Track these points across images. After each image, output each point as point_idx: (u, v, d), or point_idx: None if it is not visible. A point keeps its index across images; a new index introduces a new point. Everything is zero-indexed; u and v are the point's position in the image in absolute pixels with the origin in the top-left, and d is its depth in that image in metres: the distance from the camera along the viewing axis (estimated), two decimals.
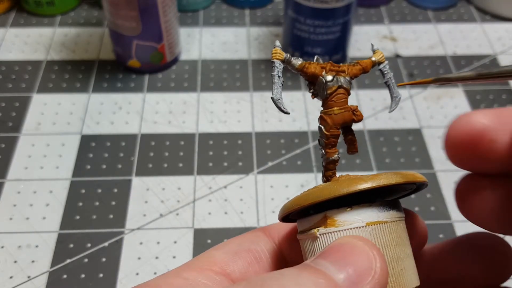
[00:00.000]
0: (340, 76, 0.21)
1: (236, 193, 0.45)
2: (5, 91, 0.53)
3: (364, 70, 0.22)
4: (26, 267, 0.40)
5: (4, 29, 0.60)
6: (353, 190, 0.19)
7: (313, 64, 0.21)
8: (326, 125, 0.21)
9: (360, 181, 0.19)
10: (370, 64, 0.22)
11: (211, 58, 0.58)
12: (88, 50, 0.58)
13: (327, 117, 0.21)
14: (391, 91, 0.23)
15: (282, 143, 0.49)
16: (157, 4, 0.50)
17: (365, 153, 0.48)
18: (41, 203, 0.44)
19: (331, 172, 0.22)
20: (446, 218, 0.43)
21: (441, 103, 0.53)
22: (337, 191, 0.19)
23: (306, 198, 0.20)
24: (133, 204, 0.44)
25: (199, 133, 0.50)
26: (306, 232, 0.20)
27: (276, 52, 0.22)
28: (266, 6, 0.64)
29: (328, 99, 0.21)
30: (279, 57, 0.22)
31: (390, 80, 0.23)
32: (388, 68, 0.23)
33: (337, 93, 0.21)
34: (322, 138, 0.22)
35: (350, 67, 0.22)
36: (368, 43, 0.60)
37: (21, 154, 0.47)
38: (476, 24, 0.63)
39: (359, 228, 0.19)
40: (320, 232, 0.19)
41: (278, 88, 0.21)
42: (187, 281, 0.20)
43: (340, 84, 0.21)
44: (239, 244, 0.23)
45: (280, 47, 0.22)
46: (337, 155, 0.22)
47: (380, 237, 0.19)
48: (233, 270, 0.22)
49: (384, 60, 0.23)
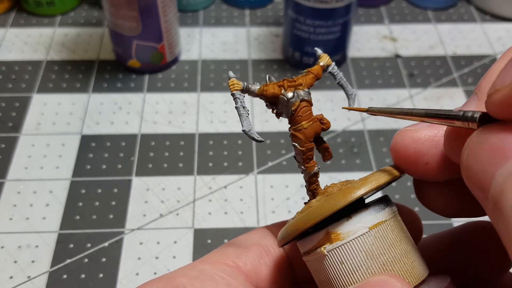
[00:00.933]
0: (299, 89, 0.21)
1: (236, 193, 0.45)
2: (5, 91, 0.53)
3: (317, 77, 0.22)
4: (26, 267, 0.40)
5: (4, 29, 0.60)
6: (350, 201, 0.19)
7: (270, 85, 0.21)
8: (300, 141, 0.21)
9: (353, 190, 0.19)
10: (320, 70, 0.22)
11: (211, 58, 0.58)
12: (88, 50, 0.58)
13: (298, 133, 0.21)
14: (345, 89, 0.23)
15: (282, 143, 0.49)
16: (157, 4, 0.50)
17: (365, 153, 0.48)
18: (41, 203, 0.44)
19: (315, 185, 0.22)
20: (445, 218, 0.43)
21: (441, 103, 0.53)
22: (335, 206, 0.19)
23: (306, 220, 0.19)
24: (133, 204, 0.44)
25: (199, 133, 0.50)
26: (312, 252, 0.20)
27: (233, 83, 0.21)
28: (266, 6, 0.64)
29: (295, 115, 0.21)
30: (237, 87, 0.21)
31: (342, 79, 0.23)
32: (337, 68, 0.23)
33: (301, 107, 0.21)
34: (298, 155, 0.22)
35: (304, 78, 0.22)
36: (368, 43, 0.60)
37: (21, 154, 0.47)
38: (476, 24, 0.63)
39: (364, 235, 0.19)
40: (327, 249, 0.19)
41: (246, 119, 0.21)
42: (202, 272, 0.21)
43: (301, 98, 0.21)
44: (248, 239, 0.23)
45: (234, 77, 0.22)
46: (317, 167, 0.22)
47: (385, 238, 0.19)
48: (245, 263, 0.22)
49: (331, 62, 0.23)
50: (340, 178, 0.46)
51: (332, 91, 0.54)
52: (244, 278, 0.22)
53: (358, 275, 0.19)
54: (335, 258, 0.19)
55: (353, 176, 0.46)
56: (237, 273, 0.22)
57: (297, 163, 0.22)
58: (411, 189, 0.45)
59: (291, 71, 0.56)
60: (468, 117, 0.16)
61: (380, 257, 0.19)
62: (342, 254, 0.19)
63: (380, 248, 0.19)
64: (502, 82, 0.15)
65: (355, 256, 0.19)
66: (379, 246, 0.19)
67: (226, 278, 0.21)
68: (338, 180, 0.46)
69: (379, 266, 0.19)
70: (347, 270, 0.19)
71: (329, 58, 0.23)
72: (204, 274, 0.21)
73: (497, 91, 0.15)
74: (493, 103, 0.15)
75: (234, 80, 0.21)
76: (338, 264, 0.19)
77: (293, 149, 0.22)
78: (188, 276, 0.21)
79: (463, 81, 0.56)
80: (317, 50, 0.23)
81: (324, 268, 0.20)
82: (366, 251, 0.19)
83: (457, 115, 0.17)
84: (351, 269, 0.19)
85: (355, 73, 0.56)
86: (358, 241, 0.19)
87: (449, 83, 0.55)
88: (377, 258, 0.19)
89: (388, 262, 0.19)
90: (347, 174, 0.46)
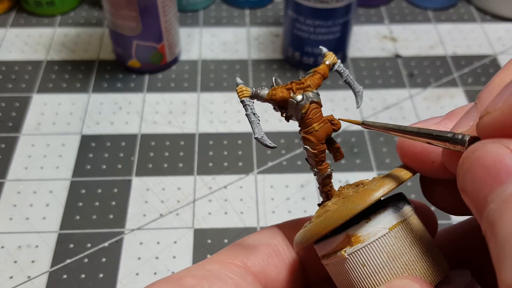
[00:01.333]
0: (308, 91, 0.21)
1: (236, 193, 0.45)
2: (5, 91, 0.53)
3: (324, 77, 0.22)
4: (26, 267, 0.40)
5: (4, 29, 0.60)
6: (369, 203, 0.19)
7: (278, 88, 0.21)
8: (312, 144, 0.21)
9: (371, 192, 0.19)
10: (327, 69, 0.22)
11: (211, 58, 0.58)
12: (88, 50, 0.58)
13: (309, 136, 0.21)
14: (352, 87, 0.23)
15: (282, 143, 0.49)
16: (157, 4, 0.50)
17: (365, 153, 0.48)
18: (41, 203, 0.44)
19: (329, 187, 0.22)
20: (446, 218, 0.43)
21: (441, 103, 0.53)
22: (354, 209, 0.19)
23: (324, 225, 0.19)
24: (133, 204, 0.44)
25: (199, 133, 0.50)
26: (331, 256, 0.20)
27: (241, 90, 0.21)
28: (266, 6, 0.64)
29: (305, 118, 0.21)
30: (246, 94, 0.21)
31: (348, 77, 0.23)
32: (343, 66, 0.23)
33: (311, 109, 0.21)
34: (310, 158, 0.21)
35: (312, 78, 0.21)
36: (368, 43, 0.60)
37: (21, 154, 0.47)
38: (476, 24, 0.63)
39: (384, 236, 0.19)
40: (348, 253, 0.19)
41: (258, 126, 0.21)
42: (210, 272, 0.21)
43: (311, 100, 0.21)
44: (257, 239, 0.23)
45: (242, 83, 0.21)
46: (330, 169, 0.22)
47: (405, 237, 0.19)
48: (254, 263, 0.22)
49: (336, 60, 0.22)
50: (340, 178, 0.46)
51: (332, 91, 0.54)
52: (253, 279, 0.22)
53: (380, 276, 0.19)
54: (357, 260, 0.19)
55: (353, 176, 0.46)
56: (246, 273, 0.22)
57: (310, 165, 0.22)
58: (410, 188, 0.45)
59: (291, 71, 0.56)
60: (458, 139, 0.16)
61: (402, 257, 0.19)
62: (363, 256, 0.19)
63: (402, 248, 0.19)
64: (494, 105, 0.15)
65: (377, 258, 0.19)
66: (400, 246, 0.19)
67: (234, 279, 0.21)
68: (338, 180, 0.46)
69: (401, 266, 0.19)
70: (369, 272, 0.19)
71: (335, 56, 0.22)
72: (212, 275, 0.21)
73: (488, 114, 0.15)
74: (483, 126, 0.15)
75: (242, 87, 0.21)
76: (360, 267, 0.19)
77: (305, 152, 0.21)
78: (196, 276, 0.21)
79: (463, 81, 0.56)
80: (322, 48, 0.23)
81: (346, 271, 0.20)
82: (387, 252, 0.19)
83: (447, 137, 0.17)
84: (374, 271, 0.19)
85: (355, 73, 0.56)
86: (379, 243, 0.19)
87: (449, 83, 0.55)
88: (399, 259, 0.19)
89: (410, 262, 0.19)
90: (347, 174, 0.46)
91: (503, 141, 0.15)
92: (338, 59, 0.23)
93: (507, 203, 0.14)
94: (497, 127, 0.15)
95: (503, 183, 0.14)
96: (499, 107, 0.14)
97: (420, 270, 0.19)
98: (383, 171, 0.47)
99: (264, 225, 0.43)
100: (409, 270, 0.19)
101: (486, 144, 0.15)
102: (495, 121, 0.15)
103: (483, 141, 0.15)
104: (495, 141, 0.15)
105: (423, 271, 0.19)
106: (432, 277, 0.19)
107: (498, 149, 0.15)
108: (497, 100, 0.15)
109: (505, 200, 0.14)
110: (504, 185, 0.14)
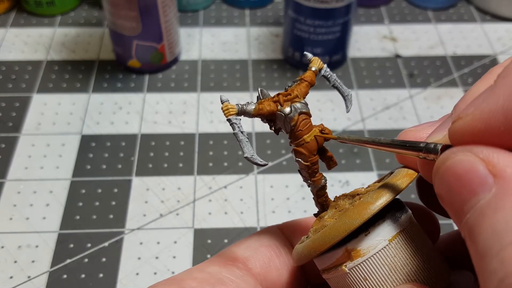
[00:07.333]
0: (295, 102, 0.20)
1: (236, 193, 0.45)
2: (5, 91, 0.53)
3: (311, 84, 0.21)
4: (26, 267, 0.40)
5: (4, 29, 0.60)
6: (367, 218, 0.18)
7: (265, 102, 0.20)
8: (304, 156, 0.20)
9: (368, 205, 0.18)
10: (313, 75, 0.21)
11: (211, 58, 0.58)
12: (88, 50, 0.58)
13: (301, 148, 0.20)
14: (341, 91, 0.22)
15: (282, 143, 0.49)
16: (157, 4, 0.50)
17: (365, 153, 0.48)
18: (41, 203, 0.44)
19: (324, 198, 0.21)
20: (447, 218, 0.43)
21: (441, 103, 0.53)
22: (352, 225, 0.18)
23: (322, 242, 0.19)
24: (133, 204, 0.44)
25: (199, 133, 0.50)
26: (332, 270, 0.20)
27: (227, 107, 0.20)
28: (266, 6, 0.64)
29: (295, 130, 0.20)
30: (232, 112, 0.20)
31: (336, 81, 0.22)
32: (329, 70, 0.22)
33: (300, 120, 0.20)
34: (303, 170, 0.21)
35: (298, 87, 0.21)
36: (368, 43, 0.60)
37: (21, 154, 0.47)
38: (476, 24, 0.63)
39: (385, 248, 0.19)
40: (349, 267, 0.19)
41: (246, 145, 0.20)
42: (211, 275, 0.21)
43: (299, 111, 0.20)
44: (258, 240, 0.23)
45: (227, 100, 0.20)
46: (324, 179, 0.21)
47: (406, 247, 0.19)
48: (255, 265, 0.22)
49: (323, 65, 0.22)
50: (340, 178, 0.46)
51: (332, 91, 0.54)
52: (254, 281, 0.22)
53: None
54: (358, 275, 0.19)
55: (353, 176, 0.46)
56: (247, 275, 0.22)
57: (303, 177, 0.21)
58: (410, 188, 0.45)
59: (291, 71, 0.56)
60: (430, 149, 0.16)
61: (404, 268, 0.19)
62: (364, 270, 0.19)
63: (403, 259, 0.19)
64: (465, 111, 0.15)
65: (378, 270, 0.19)
66: (401, 257, 0.19)
67: (236, 281, 0.21)
68: (338, 180, 0.46)
69: (404, 277, 0.19)
70: (371, 286, 0.19)
71: (321, 61, 0.22)
72: (213, 277, 0.21)
73: (459, 119, 0.15)
74: (454, 131, 0.15)
75: (228, 105, 0.20)
76: (362, 281, 0.19)
77: (297, 164, 0.21)
78: (197, 279, 0.21)
79: (463, 81, 0.56)
80: (306, 54, 0.22)
81: (347, 285, 0.19)
82: (389, 264, 0.19)
83: (420, 147, 0.17)
84: (376, 284, 0.19)
85: (355, 73, 0.56)
86: (379, 256, 0.19)
87: (449, 83, 0.55)
88: (401, 270, 0.19)
89: (413, 272, 0.19)
90: (347, 174, 0.46)
91: (473, 148, 0.15)
92: (324, 63, 0.22)
93: (483, 215, 0.14)
94: (468, 133, 0.15)
95: (476, 194, 0.14)
96: (470, 113, 0.15)
97: (424, 279, 0.19)
98: (383, 171, 0.47)
99: (264, 225, 0.43)
100: (412, 281, 0.19)
101: (456, 152, 0.15)
102: (466, 126, 0.15)
103: (452, 149, 0.15)
104: (466, 149, 0.15)
105: (426, 280, 0.19)
106: (436, 285, 0.19)
107: (469, 157, 0.15)
108: (469, 107, 0.15)
109: (480, 212, 0.14)
110: (477, 196, 0.14)
